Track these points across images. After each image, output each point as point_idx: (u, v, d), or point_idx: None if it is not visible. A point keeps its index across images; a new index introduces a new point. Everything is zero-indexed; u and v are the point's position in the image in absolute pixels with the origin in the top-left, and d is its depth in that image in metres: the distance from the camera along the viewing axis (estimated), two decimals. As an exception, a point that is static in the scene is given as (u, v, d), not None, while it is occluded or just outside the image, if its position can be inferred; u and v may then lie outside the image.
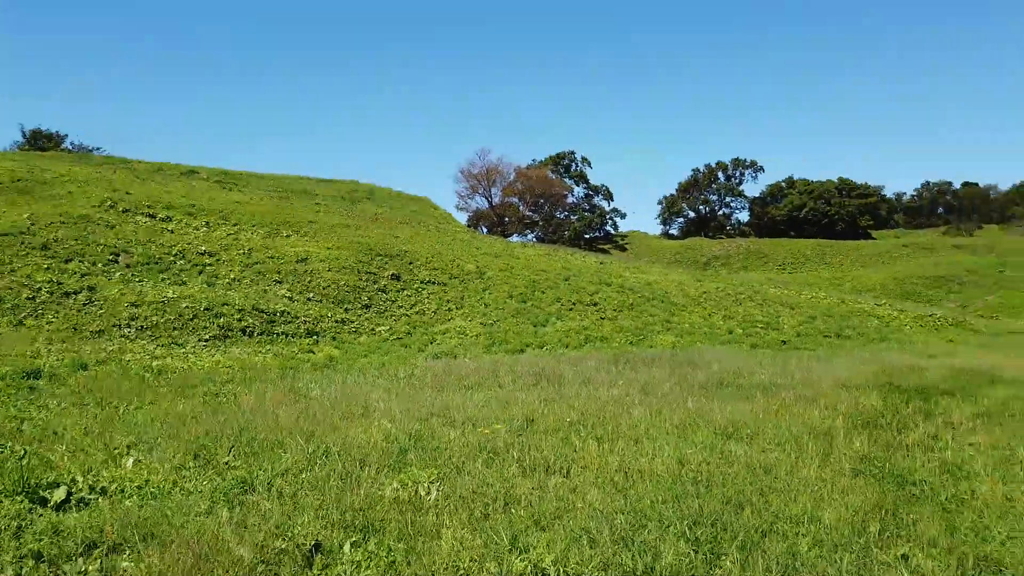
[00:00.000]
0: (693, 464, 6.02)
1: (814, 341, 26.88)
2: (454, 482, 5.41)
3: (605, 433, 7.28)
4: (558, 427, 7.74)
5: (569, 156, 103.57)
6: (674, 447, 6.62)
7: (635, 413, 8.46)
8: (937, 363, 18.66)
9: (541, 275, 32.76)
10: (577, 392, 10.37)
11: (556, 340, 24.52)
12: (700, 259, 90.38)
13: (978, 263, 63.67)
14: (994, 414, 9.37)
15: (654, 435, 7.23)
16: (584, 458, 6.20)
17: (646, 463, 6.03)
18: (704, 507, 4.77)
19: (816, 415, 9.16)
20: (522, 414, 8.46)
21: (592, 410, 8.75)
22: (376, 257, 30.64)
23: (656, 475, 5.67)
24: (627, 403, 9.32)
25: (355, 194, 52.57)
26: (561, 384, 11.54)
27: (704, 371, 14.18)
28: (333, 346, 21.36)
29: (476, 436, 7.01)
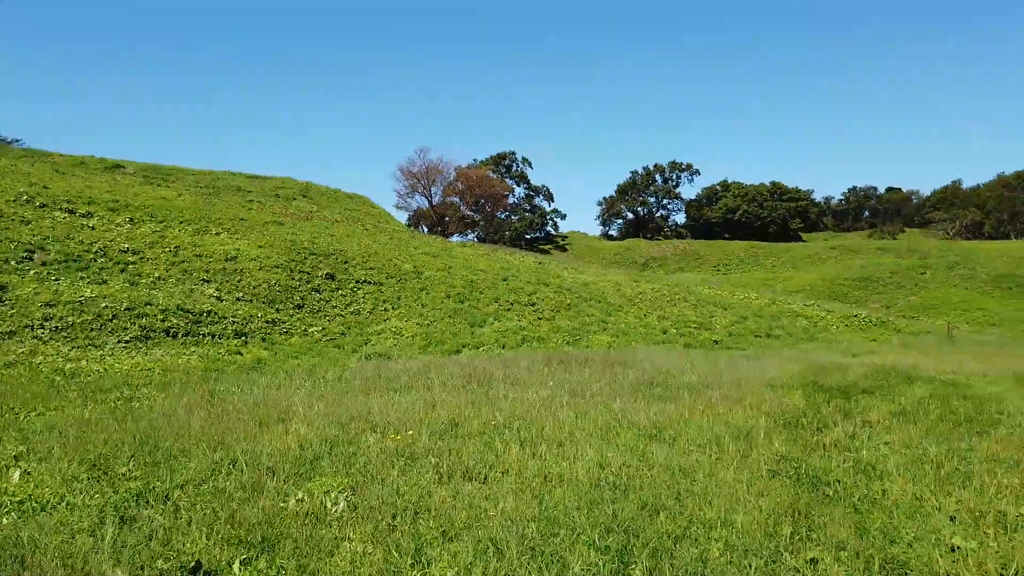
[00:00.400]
0: (614, 467, 5.93)
1: (745, 341, 27.47)
2: (366, 491, 5.18)
3: (529, 436, 7.15)
4: (483, 430, 7.58)
5: (510, 156, 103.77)
6: (597, 450, 6.53)
7: (562, 415, 8.37)
8: (860, 362, 19.25)
9: (479, 275, 32.60)
10: (506, 394, 10.23)
11: (493, 340, 24.40)
12: (638, 260, 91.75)
13: (901, 265, 66.38)
14: (910, 412, 9.63)
15: (578, 438, 7.13)
16: (505, 463, 6.05)
17: (567, 467, 5.92)
18: (619, 513, 4.67)
19: (740, 415, 9.25)
20: (447, 417, 8.27)
21: (519, 412, 8.62)
22: (310, 256, 29.93)
23: (576, 480, 5.56)
24: (555, 405, 9.22)
25: (289, 191, 51.32)
26: (491, 386, 11.39)
27: (635, 371, 14.24)
28: (262, 347, 20.73)
29: (396, 441, 6.79)
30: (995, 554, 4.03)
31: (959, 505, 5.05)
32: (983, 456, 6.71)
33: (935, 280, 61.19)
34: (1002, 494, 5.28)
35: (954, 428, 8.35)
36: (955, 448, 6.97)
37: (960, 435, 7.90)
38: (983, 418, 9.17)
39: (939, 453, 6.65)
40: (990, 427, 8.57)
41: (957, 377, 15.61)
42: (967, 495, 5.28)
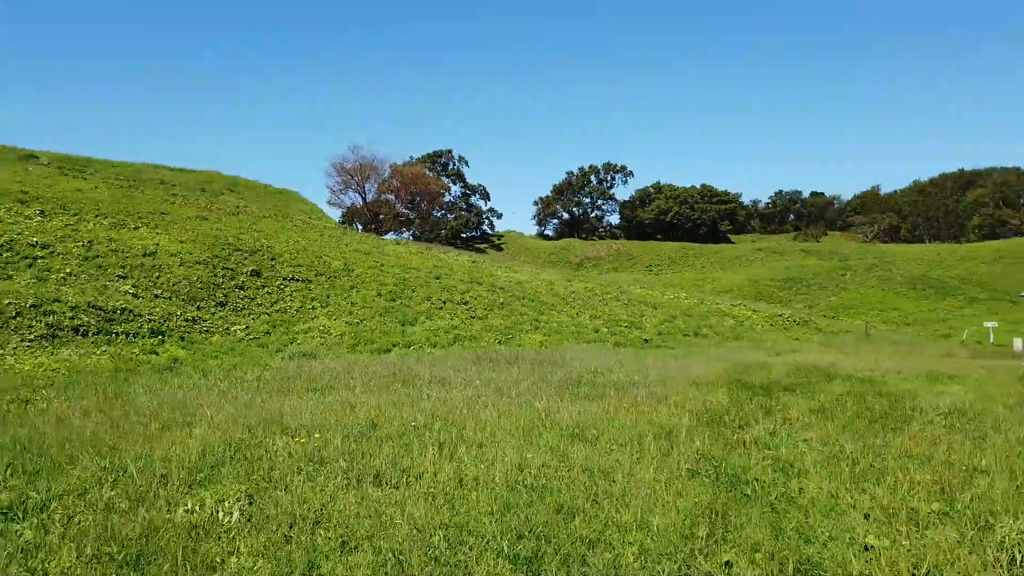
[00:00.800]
0: (533, 469, 5.75)
1: (674, 339, 27.86)
2: (266, 498, 4.84)
3: (449, 438, 6.91)
4: (402, 432, 7.30)
5: (446, 154, 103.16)
6: (517, 451, 6.33)
7: (484, 415, 8.15)
8: (782, 360, 19.69)
9: (412, 273, 32.12)
10: (430, 394, 9.96)
11: (424, 339, 24.02)
12: (573, 260, 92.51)
13: (823, 267, 68.84)
14: (828, 409, 9.78)
15: (500, 439, 6.93)
16: (420, 467, 5.79)
17: (484, 470, 5.70)
18: (533, 518, 4.47)
19: (665, 413, 9.21)
20: (366, 418, 7.95)
21: (441, 413, 8.37)
22: (235, 252, 28.90)
23: (492, 483, 5.35)
24: (479, 405, 9.00)
25: (216, 185, 49.58)
26: (416, 385, 11.09)
27: (564, 370, 14.15)
28: (180, 347, 19.84)
29: (306, 444, 6.44)
30: (907, 553, 4.00)
31: (873, 502, 5.05)
32: (897, 452, 6.80)
33: (854, 281, 63.64)
34: (914, 491, 5.32)
35: (870, 424, 8.50)
36: (870, 444, 7.05)
37: (875, 431, 8.03)
38: (897, 414, 9.39)
39: (855, 450, 6.71)
40: (903, 423, 8.77)
41: (874, 375, 16.09)
42: (881, 492, 5.29)
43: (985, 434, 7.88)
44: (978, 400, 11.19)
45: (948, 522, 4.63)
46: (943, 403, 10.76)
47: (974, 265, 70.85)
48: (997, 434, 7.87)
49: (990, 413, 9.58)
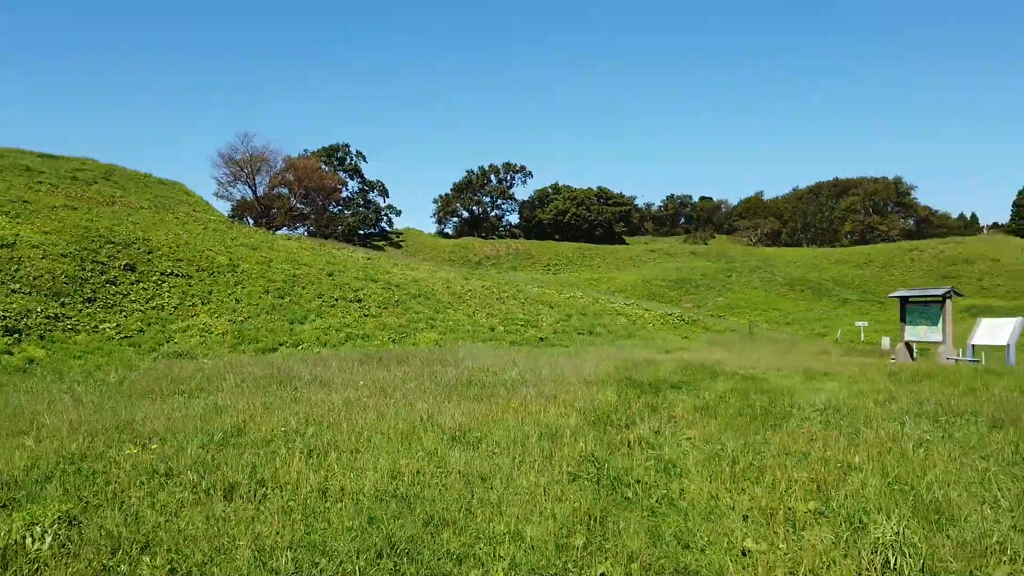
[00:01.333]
0: (407, 476, 5.36)
1: (569, 338, 28.06)
2: (93, 519, 4.23)
3: (321, 444, 6.41)
4: (270, 437, 6.74)
5: (343, 149, 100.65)
6: (393, 457, 5.92)
7: (363, 419, 7.68)
8: (671, 358, 20.12)
9: (303, 270, 30.89)
10: (308, 396, 9.36)
11: (314, 338, 23.09)
12: (473, 259, 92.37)
13: (711, 268, 71.69)
14: (711, 407, 9.89)
15: (377, 443, 6.49)
16: (282, 476, 5.28)
17: (354, 479, 5.26)
18: (399, 532, 4.09)
19: (552, 413, 9.03)
20: (233, 423, 7.32)
21: (318, 415, 7.83)
22: (107, 244, 26.83)
23: (361, 494, 4.92)
24: (359, 407, 8.51)
25: (89, 174, 46.05)
26: (295, 386, 10.44)
27: (455, 369, 13.80)
28: (39, 346, 18.17)
29: (156, 454, 5.79)
30: (784, 557, 3.89)
31: (752, 503, 4.97)
32: (775, 449, 6.84)
33: (739, 282, 66.59)
34: (792, 490, 5.29)
35: (751, 422, 8.60)
36: (751, 442, 7.07)
37: (756, 428, 8.12)
38: (776, 411, 9.58)
39: (736, 448, 6.70)
40: (782, 420, 8.94)
41: (756, 372, 16.61)
42: (760, 491, 5.23)
43: (858, 430, 8.12)
44: (851, 396, 11.66)
45: (824, 522, 4.58)
46: (819, 399, 11.13)
47: (847, 268, 75.68)
48: (869, 430, 8.11)
49: (862, 409, 9.95)
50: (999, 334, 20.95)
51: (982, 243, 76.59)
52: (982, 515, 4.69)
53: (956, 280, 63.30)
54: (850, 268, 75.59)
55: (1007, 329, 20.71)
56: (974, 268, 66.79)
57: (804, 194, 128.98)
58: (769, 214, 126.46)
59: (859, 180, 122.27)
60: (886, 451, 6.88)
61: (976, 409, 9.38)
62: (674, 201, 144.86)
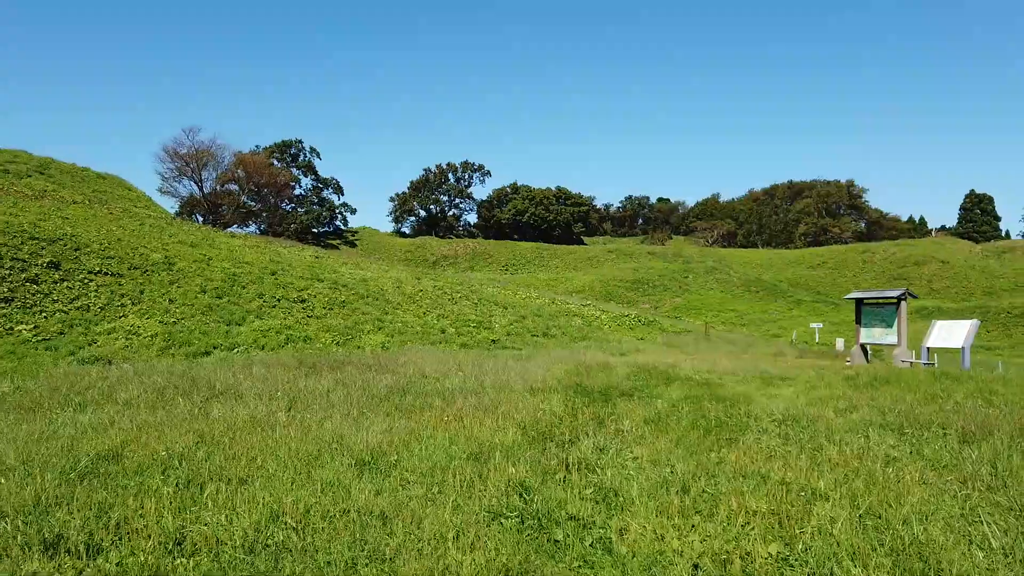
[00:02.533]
0: (291, 518, 4.41)
1: (522, 340, 27.24)
2: None
3: (204, 473, 5.42)
4: (148, 464, 5.72)
5: (296, 145, 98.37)
6: (283, 490, 4.97)
7: (266, 439, 6.69)
8: (625, 361, 19.42)
9: (244, 268, 29.45)
10: (214, 410, 8.31)
11: (251, 341, 21.83)
12: (430, 258, 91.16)
13: (668, 269, 71.67)
14: (663, 418, 9.13)
15: (271, 472, 5.52)
16: (135, 520, 4.29)
17: (223, 522, 4.30)
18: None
19: (489, 427, 8.15)
20: (110, 445, 6.27)
21: (215, 435, 6.82)
22: (29, 240, 25.10)
23: (228, 543, 3.97)
24: (269, 423, 7.51)
25: (21, 167, 43.69)
26: (206, 397, 9.36)
27: (393, 376, 12.83)
28: (-59, 350, 16.65)
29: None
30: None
31: (704, 545, 4.16)
32: (731, 471, 6.08)
33: (696, 283, 66.67)
34: (749, 526, 4.50)
35: (704, 436, 7.85)
36: (704, 463, 6.29)
37: (710, 444, 7.37)
38: (732, 422, 8.86)
39: (687, 471, 5.91)
40: (739, 432, 8.22)
41: (711, 376, 16.00)
42: (713, 529, 4.43)
43: (820, 445, 7.41)
44: (810, 404, 11.05)
45: (789, 573, 3.78)
46: (777, 408, 10.48)
47: (801, 269, 76.50)
48: (831, 445, 7.42)
49: (822, 420, 9.29)
50: (954, 336, 20.75)
51: (932, 245, 78.15)
52: (972, 560, 3.95)
53: (907, 282, 64.33)
54: (804, 269, 76.42)
55: (961, 331, 20.52)
56: (924, 270, 68.00)
57: (759, 196, 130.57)
58: (725, 215, 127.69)
59: (813, 183, 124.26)
60: (853, 472, 6.16)
61: (943, 421, 8.77)
62: (632, 202, 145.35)
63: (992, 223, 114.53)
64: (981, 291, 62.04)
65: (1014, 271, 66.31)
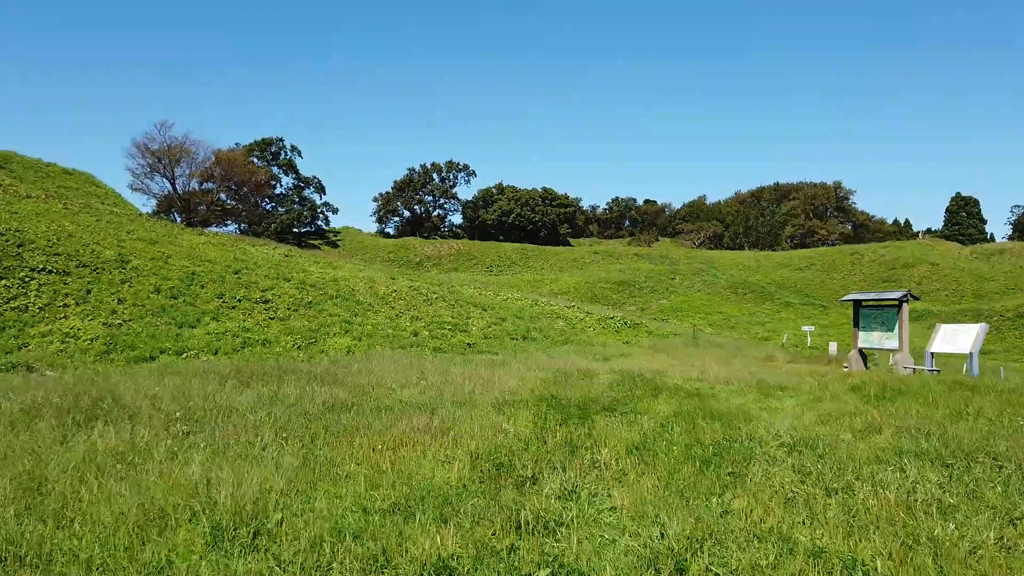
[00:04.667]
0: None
1: (500, 343, 25.60)
2: None
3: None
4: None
5: (277, 143, 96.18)
6: None
7: (121, 484, 5.01)
8: (609, 367, 17.84)
9: (205, 266, 27.61)
10: (79, 437, 6.60)
11: (204, 344, 20.07)
12: (413, 259, 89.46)
13: (654, 270, 70.27)
14: (650, 443, 7.51)
15: (87, 543, 3.83)
16: None
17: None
18: None
19: (432, 460, 6.51)
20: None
21: (52, 478, 5.12)
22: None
23: None
24: (140, 454, 5.81)
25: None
26: (85, 418, 7.63)
27: (341, 388, 11.14)
28: None
29: None
30: None
31: None
32: (740, 531, 4.47)
33: (683, 285, 65.30)
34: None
35: (701, 472, 6.23)
36: (704, 518, 4.68)
37: (709, 484, 5.76)
38: (734, 449, 7.26)
39: (681, 533, 4.28)
40: (743, 464, 6.62)
41: (702, 385, 14.44)
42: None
43: (849, 485, 5.81)
44: (819, 422, 9.48)
45: None
46: (782, 426, 8.90)
47: (789, 272, 75.32)
48: (863, 484, 5.82)
49: (841, 444, 7.71)
50: (960, 341, 19.30)
51: (920, 247, 77.19)
52: None
53: (896, 284, 63.25)
54: (792, 272, 75.26)
55: (969, 336, 19.07)
56: (913, 272, 66.97)
57: (746, 198, 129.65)
58: (712, 217, 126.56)
59: (799, 185, 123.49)
60: (903, 532, 4.57)
61: (989, 447, 7.20)
62: (619, 204, 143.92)
63: (978, 226, 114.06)
64: (972, 294, 61.04)
65: (1004, 273, 65.40)
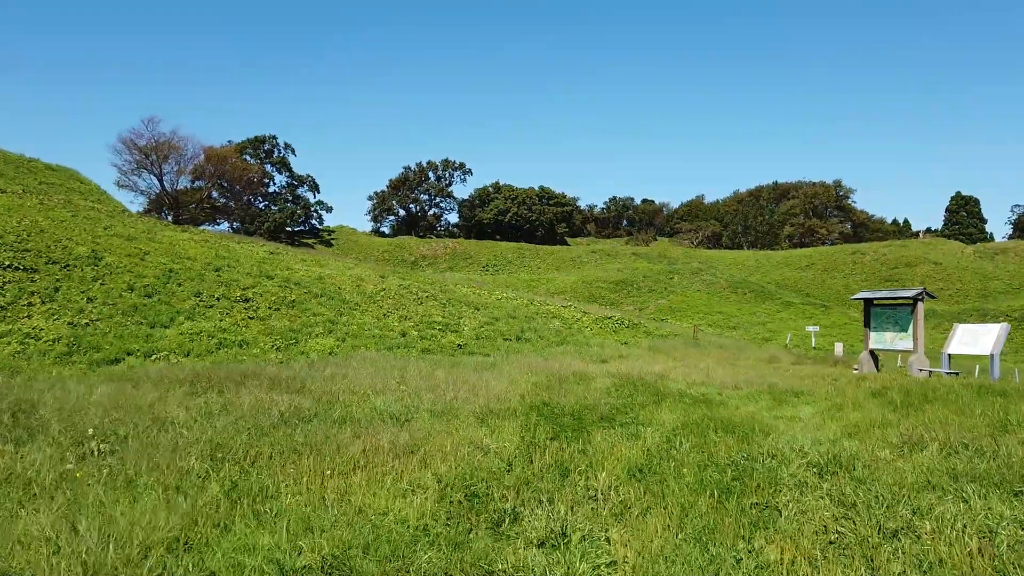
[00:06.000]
0: None
1: (492, 345, 24.39)
2: None
3: None
4: None
5: (270, 140, 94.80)
6: None
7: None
8: (606, 370, 16.63)
9: (184, 264, 26.37)
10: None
11: (176, 345, 18.83)
12: (408, 258, 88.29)
13: (652, 270, 69.08)
14: (656, 465, 6.32)
15: None
16: None
17: None
18: None
19: (391, 487, 5.32)
20: None
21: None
22: (-71, 231, 21.98)
23: None
24: (16, 482, 4.61)
25: (-45, 155, 40.30)
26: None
27: (304, 395, 9.95)
28: None
29: None
30: None
31: None
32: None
33: (681, 285, 64.13)
34: None
35: (721, 504, 5.05)
36: (726, 569, 3.46)
37: (732, 523, 4.57)
38: (756, 473, 6.07)
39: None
40: (771, 491, 5.45)
41: (709, 391, 13.26)
42: None
43: (909, 523, 4.62)
44: (846, 434, 8.31)
45: None
46: (805, 441, 7.73)
47: (789, 271, 74.15)
48: (924, 521, 4.63)
49: (881, 464, 6.52)
50: (980, 342, 18.14)
51: (923, 246, 76.06)
52: None
53: (900, 283, 62.14)
54: (792, 271, 74.10)
55: (990, 337, 17.91)
56: (916, 271, 65.83)
57: (744, 197, 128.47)
58: (710, 217, 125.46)
59: (799, 184, 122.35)
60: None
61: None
62: (616, 203, 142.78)
63: (978, 225, 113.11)
64: (976, 293, 59.93)
65: (1008, 273, 64.31)
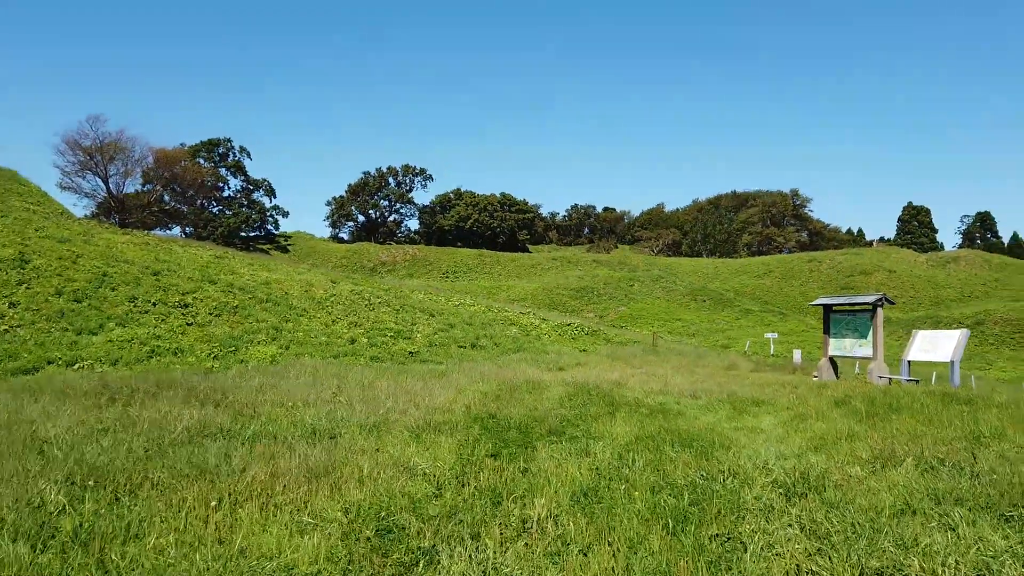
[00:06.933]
0: None
1: (445, 352, 23.48)
2: None
3: None
4: None
5: (225, 144, 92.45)
6: None
7: None
8: (562, 379, 15.86)
9: (119, 267, 24.96)
10: None
11: (103, 353, 17.54)
12: (367, 264, 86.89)
13: (613, 277, 68.82)
14: (605, 488, 5.53)
15: None
16: None
17: None
18: None
19: (287, 521, 4.43)
20: None
21: None
22: None
23: None
24: None
25: None
26: None
27: (221, 408, 8.97)
28: None
29: None
30: None
31: None
32: None
33: (642, 292, 63.96)
34: None
35: (676, 538, 4.27)
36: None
37: (685, 561, 3.79)
38: (717, 496, 5.33)
39: None
40: (732, 519, 4.70)
41: (666, 400, 12.57)
42: None
43: (894, 562, 3.90)
44: (811, 447, 7.66)
45: None
46: (767, 454, 7.06)
47: (747, 279, 74.65)
48: (908, 555, 3.92)
49: (852, 483, 5.84)
50: (940, 349, 17.84)
51: (877, 255, 77.31)
52: None
53: (855, 291, 62.84)
54: (751, 279, 74.60)
55: (949, 343, 17.61)
56: (871, 279, 66.75)
57: (704, 206, 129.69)
58: (670, 225, 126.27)
59: (757, 193, 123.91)
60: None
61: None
62: (578, 211, 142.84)
63: (929, 235, 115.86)
64: (929, 300, 60.92)
65: (959, 281, 65.58)
